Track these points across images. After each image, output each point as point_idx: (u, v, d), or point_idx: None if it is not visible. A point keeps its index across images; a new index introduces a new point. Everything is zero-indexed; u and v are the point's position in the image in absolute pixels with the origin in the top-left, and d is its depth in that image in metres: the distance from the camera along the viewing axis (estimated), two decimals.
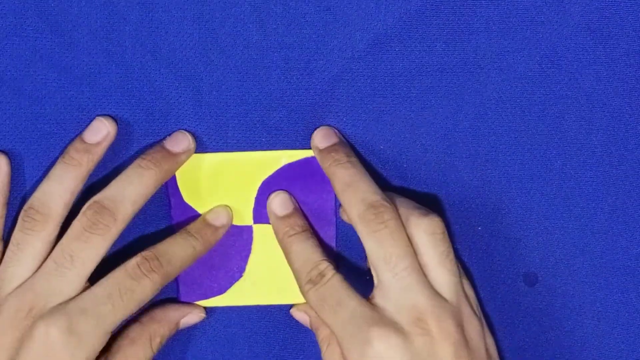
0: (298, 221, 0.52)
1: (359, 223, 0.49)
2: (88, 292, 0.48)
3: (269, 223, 0.53)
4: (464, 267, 0.54)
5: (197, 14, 0.51)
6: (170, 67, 0.52)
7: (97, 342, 0.47)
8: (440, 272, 0.48)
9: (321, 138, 0.52)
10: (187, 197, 0.53)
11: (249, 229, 0.53)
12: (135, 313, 0.49)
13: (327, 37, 0.52)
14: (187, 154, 0.52)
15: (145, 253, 0.49)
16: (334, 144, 0.51)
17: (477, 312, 0.49)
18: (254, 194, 0.53)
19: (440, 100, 0.53)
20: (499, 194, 0.54)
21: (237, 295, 0.53)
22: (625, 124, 0.53)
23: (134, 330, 0.51)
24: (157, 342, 0.51)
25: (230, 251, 0.53)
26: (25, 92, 0.52)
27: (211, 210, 0.53)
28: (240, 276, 0.53)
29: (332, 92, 0.52)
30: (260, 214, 0.53)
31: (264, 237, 0.53)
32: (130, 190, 0.49)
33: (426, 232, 0.48)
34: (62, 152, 0.51)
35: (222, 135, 0.52)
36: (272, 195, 0.52)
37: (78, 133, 0.52)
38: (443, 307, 0.47)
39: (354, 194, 0.49)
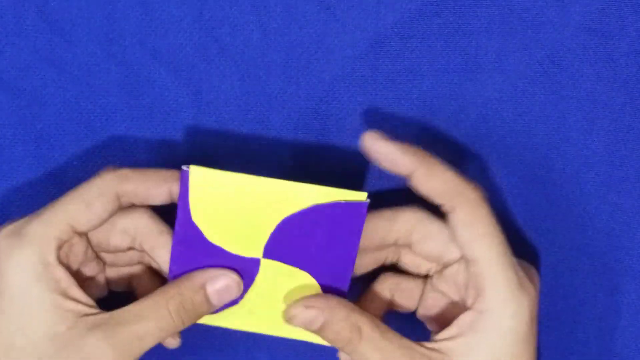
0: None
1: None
2: None
3: (279, 260, 0.48)
4: None
5: (197, 13, 0.51)
6: (170, 67, 0.52)
7: None
8: None
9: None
10: (196, 216, 0.47)
11: (255, 262, 0.48)
12: None
13: (328, 36, 0.52)
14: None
15: None
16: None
17: None
18: (271, 229, 0.47)
19: (441, 100, 0.53)
20: (500, 194, 0.54)
21: (229, 319, 0.49)
22: (627, 124, 0.53)
23: None
24: None
25: None
26: (25, 92, 0.52)
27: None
28: (236, 303, 0.49)
29: (333, 92, 0.52)
30: (272, 250, 0.48)
31: (270, 272, 0.48)
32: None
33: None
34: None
35: (222, 136, 0.52)
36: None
37: (78, 133, 0.52)
38: None
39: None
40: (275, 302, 0.49)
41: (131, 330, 0.44)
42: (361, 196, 0.47)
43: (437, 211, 0.48)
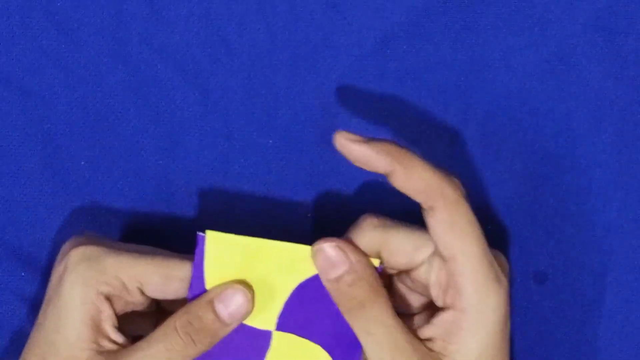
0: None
1: None
2: None
3: (292, 332, 0.46)
4: None
5: (203, 12, 0.51)
6: (177, 67, 0.52)
7: None
8: None
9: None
10: (210, 283, 0.45)
11: (267, 335, 0.46)
12: None
13: (334, 35, 0.52)
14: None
15: None
16: None
17: None
18: (286, 297, 0.46)
19: (448, 98, 0.53)
20: (509, 192, 0.53)
21: None
22: (635, 121, 0.53)
23: None
24: None
25: (239, 355, 0.46)
26: (32, 92, 0.52)
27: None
28: None
29: (339, 90, 0.52)
30: (286, 322, 0.46)
31: (282, 347, 0.46)
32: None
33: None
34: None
35: (228, 135, 0.52)
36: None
37: (85, 133, 0.52)
38: None
39: None
40: None
41: (139, 357, 0.45)
42: (374, 262, 0.46)
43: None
